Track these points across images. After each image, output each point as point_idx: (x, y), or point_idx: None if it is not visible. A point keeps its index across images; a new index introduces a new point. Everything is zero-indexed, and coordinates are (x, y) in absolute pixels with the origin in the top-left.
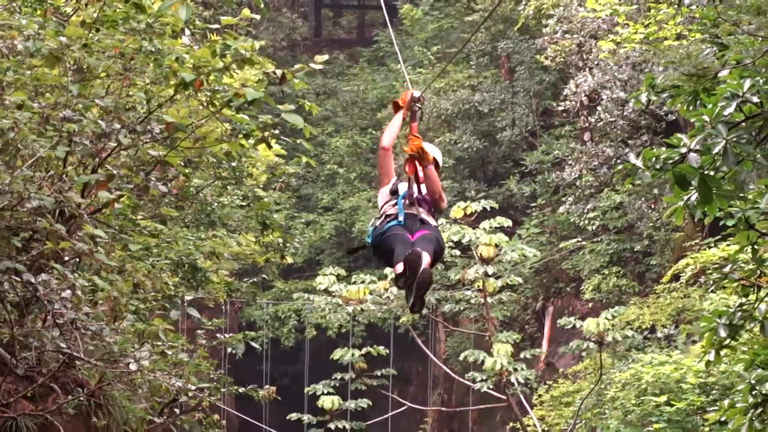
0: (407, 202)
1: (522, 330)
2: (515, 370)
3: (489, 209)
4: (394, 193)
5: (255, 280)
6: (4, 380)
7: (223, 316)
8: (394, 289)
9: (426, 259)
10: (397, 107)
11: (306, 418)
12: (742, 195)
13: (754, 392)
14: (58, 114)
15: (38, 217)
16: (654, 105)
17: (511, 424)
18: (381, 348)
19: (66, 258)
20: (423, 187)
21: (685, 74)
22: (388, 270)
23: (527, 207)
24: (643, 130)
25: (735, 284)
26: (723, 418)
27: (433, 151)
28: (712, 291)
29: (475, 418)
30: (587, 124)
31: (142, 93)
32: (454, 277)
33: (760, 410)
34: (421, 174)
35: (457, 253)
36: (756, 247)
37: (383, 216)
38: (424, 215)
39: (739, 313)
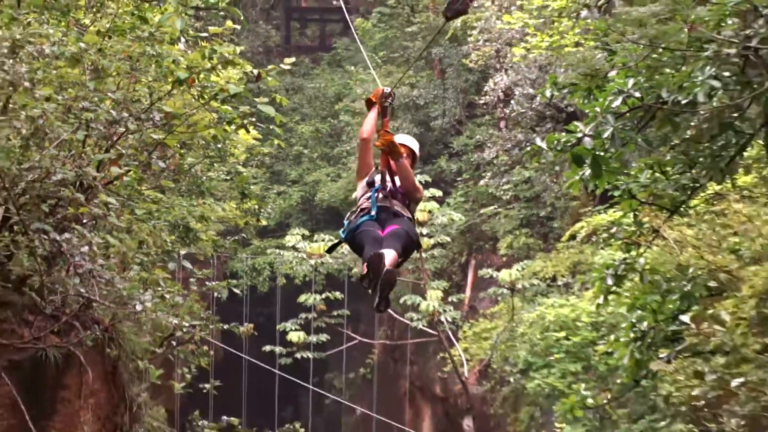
0: (380, 195)
1: (450, 279)
2: (444, 311)
3: (424, 183)
4: (371, 184)
5: (236, 238)
6: (36, 319)
7: (211, 267)
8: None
9: (390, 257)
10: (369, 103)
11: (278, 349)
12: (625, 171)
13: (634, 329)
14: (78, 105)
15: (62, 188)
16: (556, 99)
17: (441, 355)
18: (337, 293)
19: (84, 220)
20: (397, 179)
21: (581, 74)
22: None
23: (454, 181)
24: (547, 119)
25: (619, 242)
26: (610, 350)
27: (409, 142)
28: (601, 248)
29: (413, 350)
30: (503, 115)
31: (146, 88)
32: None
33: (639, 343)
34: (394, 167)
35: None
36: (636, 213)
37: (358, 209)
38: (398, 208)
39: (623, 266)
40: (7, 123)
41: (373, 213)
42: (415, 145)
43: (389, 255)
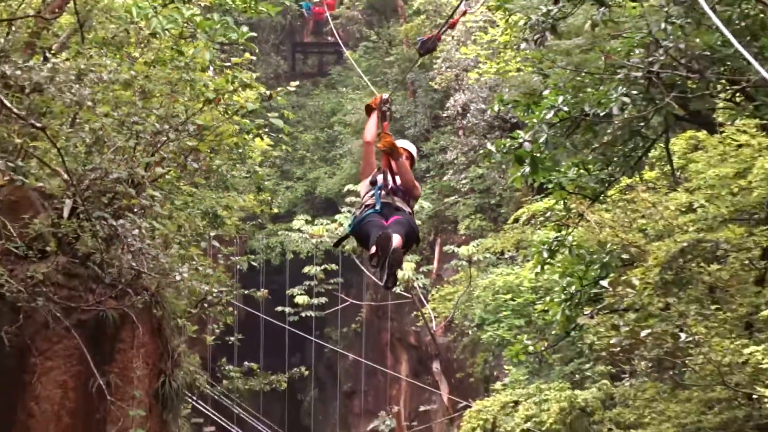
0: (383, 192)
1: (421, 254)
2: (417, 279)
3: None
4: (374, 183)
5: (254, 223)
6: (97, 287)
7: (234, 245)
8: (339, 227)
9: (396, 239)
10: (369, 109)
11: (287, 309)
12: (557, 168)
13: (564, 292)
14: (129, 120)
15: (117, 184)
16: (502, 112)
17: (414, 313)
18: (333, 265)
19: (135, 209)
20: (398, 178)
21: (521, 93)
22: (337, 216)
23: (424, 177)
24: (496, 128)
25: (552, 224)
26: (546, 308)
27: (407, 146)
28: (538, 228)
29: (393, 309)
30: (461, 125)
31: (182, 106)
32: None
33: (568, 303)
34: (394, 166)
35: None
36: (565, 201)
37: (363, 206)
38: (399, 203)
39: (555, 243)
40: (75, 134)
41: (377, 207)
42: (413, 149)
43: (396, 237)
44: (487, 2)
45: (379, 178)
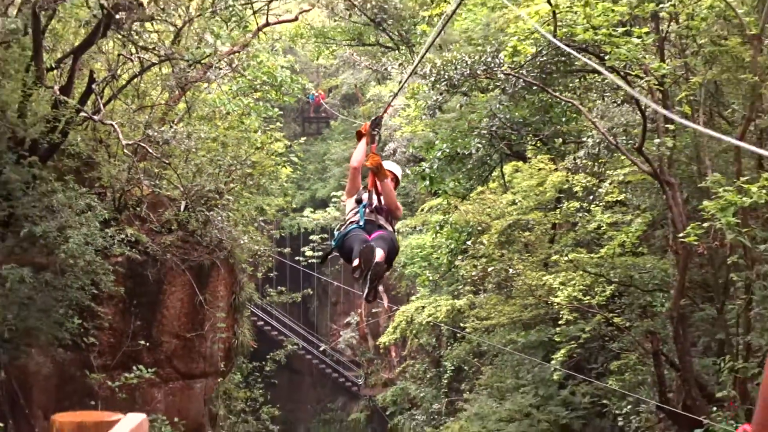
0: (368, 210)
1: None
2: None
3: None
4: (359, 202)
5: (283, 212)
6: (199, 248)
7: (273, 224)
8: (329, 215)
9: (379, 253)
10: (359, 135)
11: (301, 258)
12: (443, 182)
13: (448, 248)
14: (216, 158)
15: (209, 192)
16: (415, 152)
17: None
18: (325, 235)
19: (219, 206)
20: (382, 198)
21: (424, 142)
22: (327, 209)
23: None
24: (411, 161)
25: (441, 211)
26: (438, 257)
27: (393, 167)
28: (434, 214)
29: None
30: (393, 161)
31: (244, 151)
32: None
33: (450, 253)
34: (380, 187)
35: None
36: (448, 199)
37: (347, 222)
38: (382, 222)
39: (443, 221)
40: (186, 166)
41: (361, 223)
42: (398, 171)
43: (379, 252)
44: (405, 94)
45: (365, 196)
